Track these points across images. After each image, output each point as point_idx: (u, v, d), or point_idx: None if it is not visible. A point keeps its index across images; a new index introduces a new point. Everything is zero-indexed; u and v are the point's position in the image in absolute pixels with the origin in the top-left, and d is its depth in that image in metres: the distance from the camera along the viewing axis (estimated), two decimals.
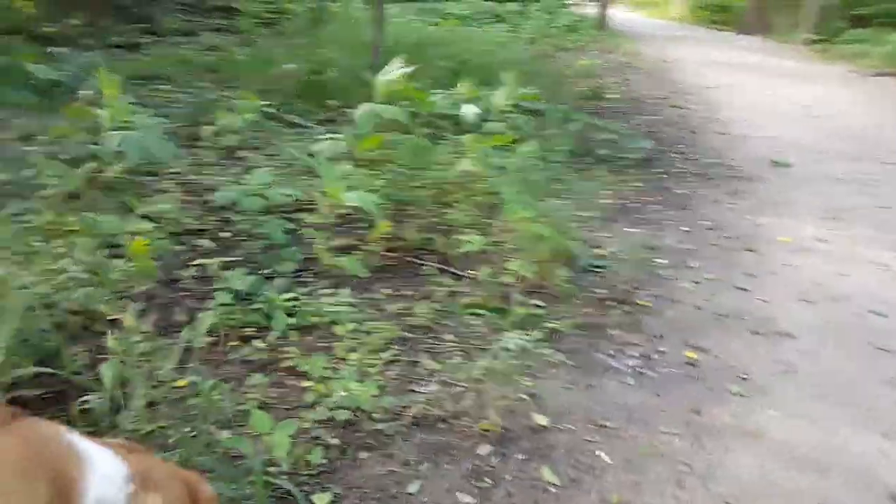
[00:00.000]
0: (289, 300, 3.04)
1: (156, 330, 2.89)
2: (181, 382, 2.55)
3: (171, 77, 7.10)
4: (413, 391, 2.75)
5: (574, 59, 13.13)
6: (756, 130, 8.13)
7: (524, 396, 2.79)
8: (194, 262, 3.46)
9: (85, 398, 2.26)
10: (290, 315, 3.03)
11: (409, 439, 2.51)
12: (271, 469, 2.24)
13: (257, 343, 2.83)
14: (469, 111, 4.67)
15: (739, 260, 4.34)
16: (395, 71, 3.46)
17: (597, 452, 2.59)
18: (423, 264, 3.66)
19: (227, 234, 3.76)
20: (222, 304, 2.95)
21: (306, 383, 2.64)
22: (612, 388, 2.99)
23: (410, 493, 2.30)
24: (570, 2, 22.10)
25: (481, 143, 4.24)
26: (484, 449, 2.53)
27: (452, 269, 3.61)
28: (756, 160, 6.77)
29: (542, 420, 2.71)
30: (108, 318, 2.87)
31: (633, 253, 4.23)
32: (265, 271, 3.36)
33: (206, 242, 3.65)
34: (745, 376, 3.10)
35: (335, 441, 2.43)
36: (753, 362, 3.22)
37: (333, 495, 2.23)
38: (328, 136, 3.74)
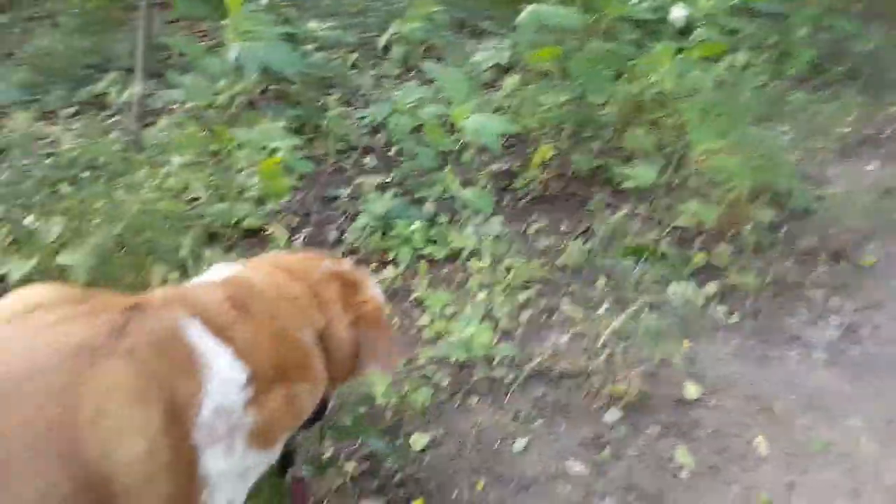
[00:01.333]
0: (430, 227, 2.89)
1: (307, 247, 2.94)
2: None
3: None
4: (543, 340, 2.49)
5: None
6: None
7: (677, 361, 2.40)
8: (358, 181, 3.44)
9: None
10: (432, 242, 2.89)
11: (525, 392, 2.29)
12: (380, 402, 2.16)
13: (389, 270, 2.74)
14: (679, 14, 3.99)
15: None
16: None
17: (753, 440, 2.16)
18: (590, 196, 3.28)
19: (392, 154, 3.68)
20: (364, 227, 2.89)
21: (426, 319, 2.50)
22: (794, 363, 2.47)
23: (515, 451, 2.10)
24: None
25: (684, 53, 3.61)
26: (612, 415, 2.23)
27: (622, 204, 3.18)
28: None
29: (692, 391, 2.32)
30: (263, 231, 2.97)
31: (866, 196, 3.42)
32: (419, 195, 3.24)
33: (370, 161, 3.61)
34: None
35: (445, 383, 2.28)
36: None
37: (432, 438, 2.11)
38: (494, 45, 3.38)
